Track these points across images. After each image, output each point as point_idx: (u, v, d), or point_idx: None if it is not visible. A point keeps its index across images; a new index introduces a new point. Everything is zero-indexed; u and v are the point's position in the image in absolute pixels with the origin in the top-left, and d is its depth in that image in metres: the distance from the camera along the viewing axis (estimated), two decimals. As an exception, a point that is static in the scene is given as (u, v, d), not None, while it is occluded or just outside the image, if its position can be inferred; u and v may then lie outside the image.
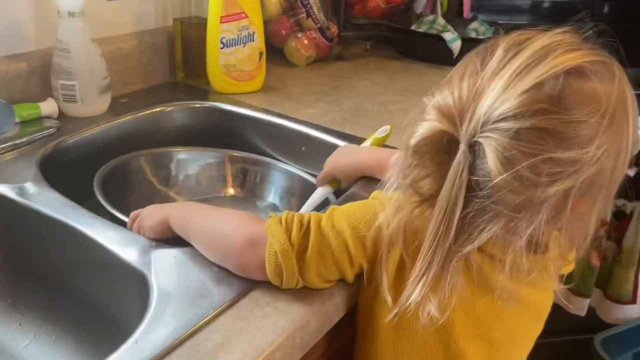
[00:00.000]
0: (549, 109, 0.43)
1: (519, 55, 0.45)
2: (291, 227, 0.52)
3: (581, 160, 0.43)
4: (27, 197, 0.67)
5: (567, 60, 0.44)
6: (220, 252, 0.56)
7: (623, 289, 1.30)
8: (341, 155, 0.77)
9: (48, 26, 0.89)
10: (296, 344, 0.50)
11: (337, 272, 0.54)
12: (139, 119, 0.92)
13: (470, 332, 0.53)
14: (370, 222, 0.52)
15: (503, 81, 0.44)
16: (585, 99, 0.44)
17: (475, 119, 0.44)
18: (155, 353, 0.46)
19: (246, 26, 0.99)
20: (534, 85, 0.43)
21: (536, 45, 0.46)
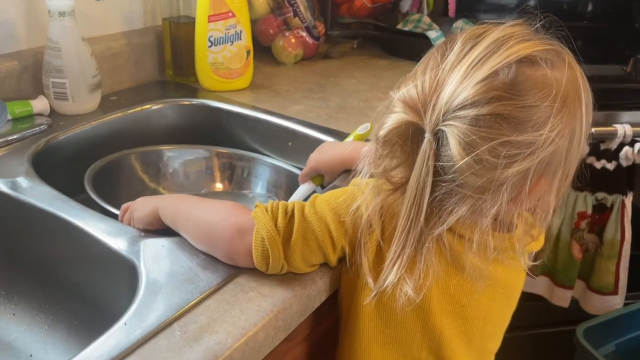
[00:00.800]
0: (504, 96, 0.46)
1: (475, 48, 0.49)
2: (277, 215, 0.55)
3: (536, 142, 0.46)
4: (19, 190, 0.69)
5: (520, 50, 0.48)
6: (209, 240, 0.58)
7: (604, 280, 1.33)
8: (324, 151, 0.79)
9: (39, 26, 0.91)
10: (279, 325, 0.53)
11: (321, 256, 0.56)
12: (128, 116, 0.94)
13: (446, 310, 0.56)
14: (351, 206, 0.54)
15: (461, 72, 0.47)
16: (537, 85, 0.47)
17: (437, 108, 0.47)
18: (144, 334, 0.48)
19: (233, 25, 1.02)
20: (489, 75, 0.47)
21: (491, 38, 0.49)
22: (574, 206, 1.27)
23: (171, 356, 0.47)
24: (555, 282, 1.35)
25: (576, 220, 1.28)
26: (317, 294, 0.57)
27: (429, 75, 0.49)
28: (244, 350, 0.49)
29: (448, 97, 0.47)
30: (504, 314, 0.63)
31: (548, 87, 0.47)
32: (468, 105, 0.46)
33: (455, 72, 0.48)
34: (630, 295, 1.36)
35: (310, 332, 0.63)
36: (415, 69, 0.51)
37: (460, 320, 0.57)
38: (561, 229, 1.29)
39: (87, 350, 0.47)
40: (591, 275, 1.35)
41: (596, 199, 1.28)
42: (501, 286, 0.58)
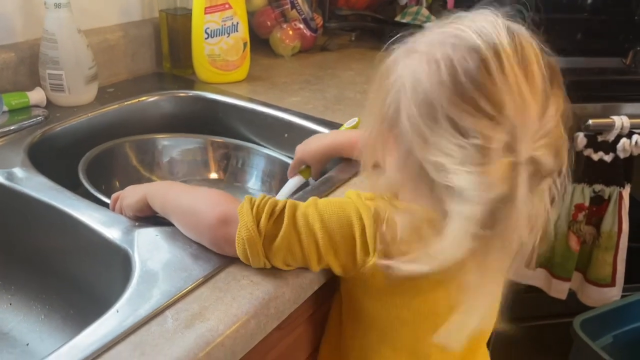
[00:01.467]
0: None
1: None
2: (261, 214, 0.54)
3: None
4: (15, 181, 0.70)
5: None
6: (195, 227, 0.58)
7: (602, 272, 1.33)
8: (309, 142, 0.80)
9: (35, 17, 0.91)
10: (270, 313, 0.53)
11: (302, 264, 0.56)
12: (125, 108, 0.95)
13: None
14: (345, 228, 0.54)
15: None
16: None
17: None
18: (136, 321, 0.49)
19: (230, 17, 1.02)
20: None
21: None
22: (571, 198, 1.27)
23: (163, 343, 0.47)
24: (552, 274, 1.35)
25: (573, 212, 1.28)
26: (310, 282, 0.58)
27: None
28: (235, 338, 0.49)
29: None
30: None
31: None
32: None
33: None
34: (628, 287, 1.37)
35: (303, 320, 0.63)
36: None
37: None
38: (558, 221, 1.29)
39: (79, 337, 0.48)
40: (588, 267, 1.35)
41: (593, 191, 1.28)
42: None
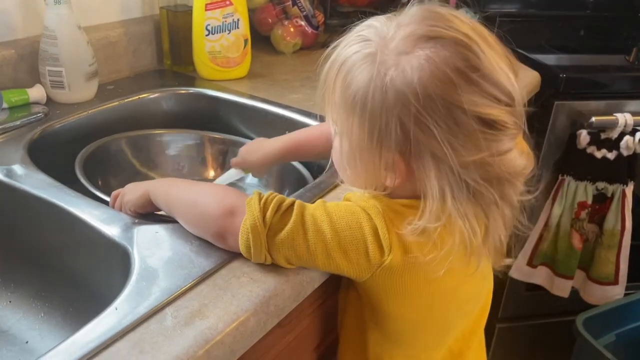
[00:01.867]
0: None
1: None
2: (268, 207, 0.53)
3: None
4: (14, 178, 0.69)
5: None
6: (201, 219, 0.57)
7: (605, 270, 1.33)
8: (252, 151, 0.81)
9: (35, 14, 0.91)
10: (270, 310, 0.53)
11: (306, 263, 0.55)
12: (125, 105, 0.94)
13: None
14: (354, 229, 0.52)
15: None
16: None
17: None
18: (135, 319, 0.48)
19: (231, 13, 1.01)
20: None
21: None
22: (574, 196, 1.27)
23: (162, 340, 0.47)
24: (555, 272, 1.35)
25: (576, 210, 1.28)
26: (310, 280, 0.57)
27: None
28: (235, 335, 0.49)
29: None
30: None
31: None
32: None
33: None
34: (631, 285, 1.36)
35: (303, 318, 0.63)
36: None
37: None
38: (561, 218, 1.29)
39: (77, 335, 0.47)
40: (591, 265, 1.35)
41: (596, 189, 1.27)
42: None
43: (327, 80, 0.54)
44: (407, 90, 0.47)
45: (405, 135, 0.49)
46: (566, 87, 1.22)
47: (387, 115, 0.49)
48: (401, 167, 0.51)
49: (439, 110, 0.47)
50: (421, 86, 0.47)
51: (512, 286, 1.42)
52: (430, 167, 0.49)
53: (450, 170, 0.49)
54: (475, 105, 0.47)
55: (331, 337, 0.69)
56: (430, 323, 0.60)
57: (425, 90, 0.47)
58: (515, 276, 1.36)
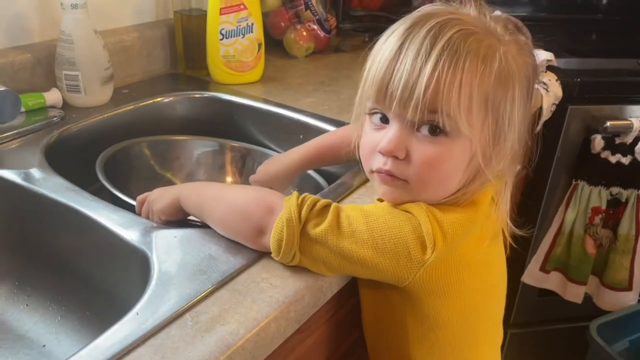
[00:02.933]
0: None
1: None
2: (304, 205, 0.54)
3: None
4: (32, 181, 0.70)
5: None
6: (240, 218, 0.57)
7: (619, 276, 1.31)
8: (269, 164, 0.82)
9: (52, 18, 0.92)
10: (290, 316, 0.52)
11: (337, 266, 0.54)
12: (140, 109, 0.94)
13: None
14: (393, 229, 0.52)
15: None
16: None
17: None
18: (155, 324, 0.48)
19: (245, 17, 1.01)
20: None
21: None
22: (587, 201, 1.26)
23: (183, 346, 0.46)
24: (568, 277, 1.34)
25: (590, 215, 1.27)
26: (329, 286, 0.57)
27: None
28: (256, 341, 0.49)
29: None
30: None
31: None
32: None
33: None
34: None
35: (322, 324, 0.62)
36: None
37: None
38: (575, 224, 1.28)
39: (99, 340, 0.47)
40: (605, 270, 1.34)
41: (611, 194, 1.26)
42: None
43: (443, 76, 0.48)
44: (528, 68, 0.54)
45: (525, 111, 0.55)
46: (580, 91, 1.22)
47: (514, 95, 0.52)
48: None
49: (526, 83, 0.54)
50: (531, 62, 0.55)
51: (525, 292, 1.41)
52: (508, 134, 0.53)
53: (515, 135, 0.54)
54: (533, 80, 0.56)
55: (343, 347, 0.69)
56: (474, 323, 0.60)
57: (532, 65, 0.55)
58: (528, 281, 1.35)
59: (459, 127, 0.50)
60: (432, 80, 0.48)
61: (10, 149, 0.77)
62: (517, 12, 1.63)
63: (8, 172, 0.71)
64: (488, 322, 0.64)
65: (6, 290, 0.74)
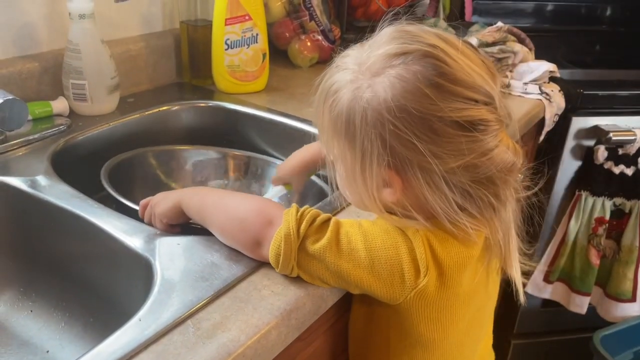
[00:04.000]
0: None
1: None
2: (303, 220, 0.54)
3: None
4: (38, 189, 0.71)
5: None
6: (239, 228, 0.58)
7: (622, 287, 1.31)
8: (288, 160, 0.81)
9: (59, 28, 0.93)
10: (291, 324, 0.53)
11: (334, 280, 0.55)
12: (145, 118, 0.96)
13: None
14: (389, 249, 0.52)
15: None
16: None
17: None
18: (158, 330, 0.49)
19: (250, 28, 1.03)
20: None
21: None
22: (591, 211, 1.26)
23: (185, 352, 0.47)
24: (571, 288, 1.33)
25: (594, 226, 1.27)
26: (330, 294, 0.57)
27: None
28: (257, 348, 0.49)
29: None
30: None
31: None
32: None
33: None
34: (649, 302, 1.35)
35: (322, 332, 0.63)
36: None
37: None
38: (578, 234, 1.28)
39: (102, 346, 0.48)
40: (608, 281, 1.33)
41: (614, 205, 1.27)
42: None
43: (317, 111, 0.56)
44: (383, 109, 0.49)
45: (389, 151, 0.50)
46: (584, 102, 1.22)
47: (369, 135, 0.50)
48: (396, 181, 0.52)
49: (415, 123, 0.48)
50: (395, 103, 0.48)
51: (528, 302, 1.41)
52: (419, 177, 0.50)
53: (439, 178, 0.50)
54: (451, 111, 0.48)
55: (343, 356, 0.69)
56: (462, 349, 0.60)
57: (399, 106, 0.48)
58: (531, 292, 1.35)
59: (330, 151, 0.56)
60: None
61: (17, 157, 0.78)
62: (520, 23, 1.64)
63: (15, 179, 0.72)
64: (476, 345, 0.64)
65: (11, 296, 0.74)
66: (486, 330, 0.66)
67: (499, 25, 1.22)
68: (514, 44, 1.17)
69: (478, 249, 0.55)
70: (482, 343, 0.65)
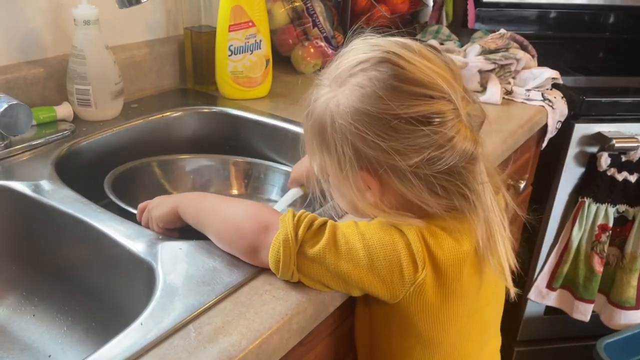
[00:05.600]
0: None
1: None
2: (301, 225, 0.55)
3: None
4: (42, 193, 0.71)
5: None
6: (235, 235, 0.58)
7: (626, 294, 1.31)
8: (301, 161, 0.82)
9: (64, 34, 0.94)
10: (293, 329, 0.53)
11: (334, 284, 0.55)
12: (149, 123, 0.96)
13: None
14: (387, 246, 0.53)
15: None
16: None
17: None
18: (159, 334, 0.49)
19: (253, 34, 1.03)
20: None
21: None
22: (594, 218, 1.26)
23: (186, 357, 0.47)
24: (575, 295, 1.33)
25: (597, 233, 1.27)
26: (332, 299, 0.57)
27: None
28: (258, 353, 0.49)
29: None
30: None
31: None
32: None
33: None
34: (653, 310, 1.34)
35: (324, 337, 0.63)
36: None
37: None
38: (581, 241, 1.27)
39: (103, 350, 0.48)
40: (612, 288, 1.33)
41: (617, 212, 1.26)
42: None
43: (303, 125, 0.59)
44: (346, 115, 0.53)
45: (358, 153, 0.53)
46: (586, 109, 1.22)
47: (340, 141, 0.54)
48: (372, 182, 0.55)
49: (374, 124, 0.52)
50: (354, 108, 0.52)
51: (531, 309, 1.41)
52: (391, 175, 0.53)
53: (408, 173, 0.53)
54: (406, 108, 0.51)
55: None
56: (463, 351, 0.60)
57: (357, 110, 0.52)
58: (534, 298, 1.35)
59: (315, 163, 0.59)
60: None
61: (21, 161, 0.79)
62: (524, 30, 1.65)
63: (18, 183, 0.73)
64: (480, 350, 0.64)
65: (14, 300, 0.75)
66: (490, 335, 0.65)
67: (501, 32, 1.22)
68: (517, 51, 1.17)
69: (471, 245, 0.56)
70: (487, 348, 0.65)
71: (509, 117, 1.05)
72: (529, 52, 1.21)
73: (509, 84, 1.15)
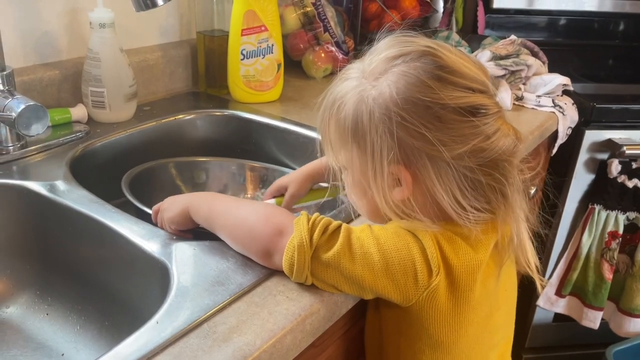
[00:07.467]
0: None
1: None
2: (315, 229, 0.55)
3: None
4: (57, 193, 0.72)
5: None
6: (248, 237, 0.58)
7: (636, 302, 1.30)
8: (294, 171, 0.82)
9: (80, 37, 0.95)
10: (306, 329, 0.53)
11: (348, 287, 0.55)
12: (162, 125, 0.97)
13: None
14: (402, 251, 0.53)
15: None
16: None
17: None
18: (175, 333, 0.49)
19: (265, 39, 1.04)
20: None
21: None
22: (604, 225, 1.26)
23: (201, 355, 0.47)
24: (584, 302, 1.32)
25: (607, 240, 1.26)
26: (345, 300, 0.58)
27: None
28: (272, 353, 0.50)
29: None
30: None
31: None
32: None
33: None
34: (663, 318, 1.33)
35: (336, 338, 0.63)
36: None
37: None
38: (591, 248, 1.27)
39: (119, 348, 0.48)
40: (621, 296, 1.32)
41: (627, 219, 1.26)
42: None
43: (322, 122, 0.58)
44: (389, 104, 0.52)
45: (398, 143, 0.52)
46: (597, 115, 1.22)
47: (377, 131, 0.53)
48: (405, 176, 0.54)
49: (421, 113, 0.51)
50: (400, 96, 0.52)
51: (540, 316, 1.40)
52: (429, 167, 0.53)
53: (447, 166, 0.52)
54: (453, 99, 0.51)
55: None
56: (472, 355, 0.60)
57: (404, 98, 0.51)
58: (543, 305, 1.34)
59: (337, 162, 0.59)
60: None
61: (37, 162, 0.80)
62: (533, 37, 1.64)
63: (34, 183, 0.73)
64: (490, 352, 0.63)
65: (28, 299, 0.75)
66: (499, 338, 0.65)
67: (512, 38, 1.22)
68: (528, 57, 1.17)
69: (486, 252, 0.55)
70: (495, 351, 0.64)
71: (520, 122, 1.05)
72: (540, 58, 1.21)
73: (519, 90, 1.15)
